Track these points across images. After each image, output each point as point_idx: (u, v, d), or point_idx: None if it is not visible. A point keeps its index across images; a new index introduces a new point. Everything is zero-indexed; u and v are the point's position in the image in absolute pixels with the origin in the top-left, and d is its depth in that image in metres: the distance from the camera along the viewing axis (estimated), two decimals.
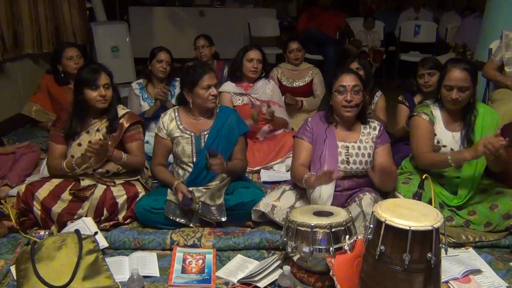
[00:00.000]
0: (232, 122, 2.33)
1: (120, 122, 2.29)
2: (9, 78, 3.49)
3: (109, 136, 2.26)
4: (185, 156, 2.28)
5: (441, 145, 2.24)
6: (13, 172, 2.57)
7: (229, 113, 2.37)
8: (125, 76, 4.78)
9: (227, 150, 2.30)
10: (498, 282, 1.84)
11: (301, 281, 1.84)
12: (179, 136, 2.29)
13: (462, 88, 2.12)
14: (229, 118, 2.33)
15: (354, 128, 2.24)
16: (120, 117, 2.31)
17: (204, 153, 2.16)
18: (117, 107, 2.33)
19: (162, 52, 3.12)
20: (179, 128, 2.30)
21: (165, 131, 2.31)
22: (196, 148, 2.28)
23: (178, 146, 2.29)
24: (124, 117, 2.32)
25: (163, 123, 2.33)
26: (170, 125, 2.31)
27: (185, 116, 2.34)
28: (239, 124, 2.36)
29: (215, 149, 2.11)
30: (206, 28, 5.51)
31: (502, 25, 3.10)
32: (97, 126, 2.27)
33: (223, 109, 2.41)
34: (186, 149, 2.28)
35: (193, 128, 2.31)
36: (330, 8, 5.34)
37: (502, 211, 2.10)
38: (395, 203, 1.57)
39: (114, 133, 2.27)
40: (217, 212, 2.14)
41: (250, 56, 3.08)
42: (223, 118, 2.33)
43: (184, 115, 2.34)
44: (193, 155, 2.28)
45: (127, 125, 2.29)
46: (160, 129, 2.32)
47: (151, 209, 2.14)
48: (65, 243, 1.82)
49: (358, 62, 3.02)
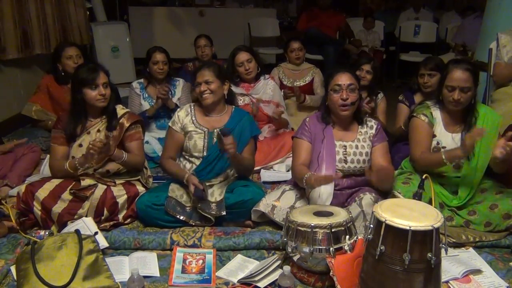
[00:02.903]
0: (245, 124, 2.36)
1: (121, 122, 2.30)
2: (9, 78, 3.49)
3: (111, 134, 2.26)
4: (196, 151, 2.30)
5: (441, 146, 2.24)
6: (13, 172, 2.57)
7: (243, 115, 2.42)
8: (125, 76, 4.79)
9: (237, 150, 2.31)
10: (498, 282, 1.83)
11: (301, 281, 1.84)
12: (193, 131, 2.32)
13: (464, 89, 2.12)
14: (243, 119, 2.37)
15: (351, 127, 2.25)
16: (120, 117, 2.31)
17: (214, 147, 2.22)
18: (116, 107, 2.34)
19: (157, 53, 3.11)
20: (193, 123, 2.34)
21: (180, 125, 2.34)
22: (208, 143, 2.31)
23: (190, 140, 2.31)
24: (124, 116, 2.32)
25: (178, 116, 2.36)
26: (185, 119, 2.35)
27: (199, 112, 2.39)
28: (252, 126, 2.39)
29: (227, 129, 2.11)
30: (206, 28, 5.52)
31: (502, 25, 3.09)
32: (97, 126, 2.28)
33: (237, 110, 2.45)
34: (198, 143, 2.30)
35: (207, 125, 2.34)
36: (330, 8, 5.34)
37: (502, 211, 2.10)
38: (395, 203, 1.57)
39: (114, 132, 2.28)
40: (217, 208, 2.16)
41: (239, 61, 3.10)
42: (237, 118, 2.37)
43: (199, 111, 2.39)
44: (204, 150, 2.30)
45: (127, 125, 2.30)
46: (175, 123, 2.35)
47: (152, 205, 2.16)
48: (65, 243, 1.81)
49: (371, 66, 3.03)
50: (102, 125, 2.28)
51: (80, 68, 2.28)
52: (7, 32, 3.30)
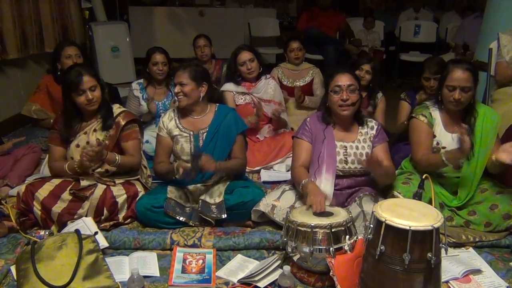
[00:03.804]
0: (230, 121, 2.34)
1: (117, 121, 2.29)
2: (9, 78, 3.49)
3: (106, 136, 2.25)
4: (184, 154, 2.29)
5: (441, 146, 2.24)
6: (14, 172, 2.58)
7: (227, 112, 2.38)
8: (125, 76, 4.79)
9: (226, 148, 2.32)
10: (498, 282, 1.84)
11: (301, 281, 1.84)
12: (178, 135, 2.31)
13: (464, 88, 2.12)
14: (227, 117, 2.34)
15: (351, 128, 2.25)
16: (116, 116, 2.30)
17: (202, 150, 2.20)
18: (112, 106, 2.33)
19: (156, 54, 3.11)
20: (178, 127, 2.32)
21: (165, 130, 2.33)
22: (194, 147, 2.29)
23: (177, 145, 2.30)
24: (120, 115, 2.31)
25: (163, 122, 2.35)
26: (169, 124, 2.33)
27: (183, 115, 2.36)
28: (237, 122, 2.36)
29: (198, 151, 2.10)
30: (206, 28, 5.51)
31: (502, 25, 3.09)
32: (94, 126, 2.27)
33: (221, 108, 2.41)
34: (185, 147, 2.29)
35: (192, 127, 2.32)
36: (330, 8, 5.34)
37: (502, 211, 2.10)
38: (395, 203, 1.57)
39: (110, 131, 2.27)
40: (217, 210, 2.15)
41: (241, 60, 3.09)
42: (221, 116, 2.34)
43: (183, 114, 2.36)
44: (191, 153, 2.29)
45: (123, 123, 2.29)
46: (161, 129, 2.34)
47: (152, 207, 2.15)
48: (65, 243, 1.81)
49: (371, 65, 3.03)
50: (98, 124, 2.27)
51: (66, 73, 2.24)
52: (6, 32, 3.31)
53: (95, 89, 2.19)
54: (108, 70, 4.69)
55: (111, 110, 2.31)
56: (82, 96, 2.16)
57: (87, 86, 2.16)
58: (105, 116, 2.27)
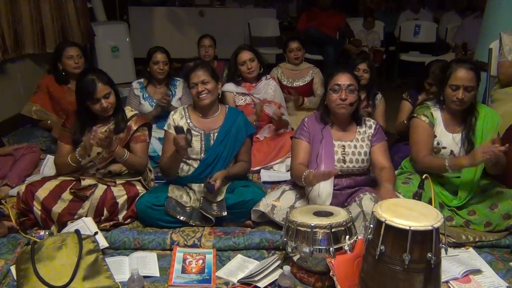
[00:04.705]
0: (241, 123, 2.37)
1: (129, 125, 2.30)
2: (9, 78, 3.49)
3: (116, 138, 2.25)
4: (194, 153, 2.30)
5: (441, 146, 2.24)
6: (13, 172, 2.57)
7: (238, 114, 2.42)
8: (125, 76, 4.79)
9: (234, 149, 2.34)
10: (498, 282, 1.84)
11: (301, 281, 1.84)
12: None
13: (468, 88, 2.12)
14: (238, 119, 2.38)
15: (349, 128, 2.25)
16: (128, 119, 2.31)
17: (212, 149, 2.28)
18: (125, 109, 2.34)
19: (157, 53, 3.12)
20: (189, 126, 2.33)
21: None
22: (205, 146, 2.31)
23: None
24: (132, 119, 2.33)
25: (173, 120, 2.35)
26: (180, 122, 2.34)
27: (194, 114, 2.38)
28: (247, 125, 2.40)
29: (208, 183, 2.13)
30: (206, 28, 5.51)
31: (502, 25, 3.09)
32: (105, 127, 2.26)
33: (231, 110, 2.45)
34: (195, 146, 2.29)
35: (202, 126, 2.34)
36: (330, 8, 5.34)
37: (502, 211, 2.10)
38: (395, 203, 1.57)
39: (121, 135, 2.28)
40: (218, 208, 2.16)
41: (241, 60, 3.10)
42: (232, 118, 2.37)
43: (193, 113, 2.38)
44: (201, 152, 2.30)
45: (135, 128, 2.31)
46: (170, 126, 2.34)
47: (152, 205, 2.16)
48: (65, 243, 1.81)
49: (367, 64, 3.03)
50: (110, 127, 2.27)
51: (80, 80, 2.23)
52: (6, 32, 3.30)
53: (109, 96, 2.20)
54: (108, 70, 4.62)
55: (125, 114, 2.32)
56: (97, 104, 2.18)
57: (102, 94, 2.17)
58: (118, 120, 2.28)
